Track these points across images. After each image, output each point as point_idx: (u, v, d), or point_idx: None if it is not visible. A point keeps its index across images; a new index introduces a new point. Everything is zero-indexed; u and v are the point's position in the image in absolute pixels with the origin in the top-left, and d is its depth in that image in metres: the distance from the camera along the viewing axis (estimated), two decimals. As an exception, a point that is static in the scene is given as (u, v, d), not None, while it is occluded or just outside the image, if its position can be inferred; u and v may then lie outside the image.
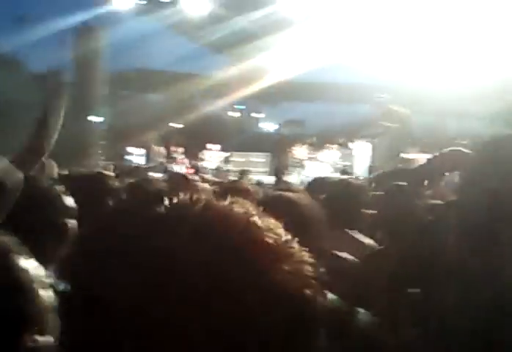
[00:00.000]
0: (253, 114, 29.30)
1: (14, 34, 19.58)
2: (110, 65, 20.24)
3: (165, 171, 15.56)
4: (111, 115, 20.96)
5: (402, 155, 14.17)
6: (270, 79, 20.13)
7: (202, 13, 17.65)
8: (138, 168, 13.03)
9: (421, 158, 16.61)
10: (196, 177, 7.74)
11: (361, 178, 16.65)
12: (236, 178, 16.71)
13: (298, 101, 26.24)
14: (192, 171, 17.67)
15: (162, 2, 17.51)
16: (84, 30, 18.92)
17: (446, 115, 21.76)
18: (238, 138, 23.31)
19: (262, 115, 29.37)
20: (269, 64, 19.84)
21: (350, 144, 18.38)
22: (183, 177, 6.30)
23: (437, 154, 3.18)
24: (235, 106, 27.95)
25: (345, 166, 18.13)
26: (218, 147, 21.57)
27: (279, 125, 28.38)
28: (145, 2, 17.68)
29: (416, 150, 17.34)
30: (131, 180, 4.82)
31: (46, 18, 18.82)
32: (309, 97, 24.70)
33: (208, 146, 21.55)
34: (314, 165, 18.63)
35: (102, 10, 17.91)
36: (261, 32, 18.52)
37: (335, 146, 18.73)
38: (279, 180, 11.64)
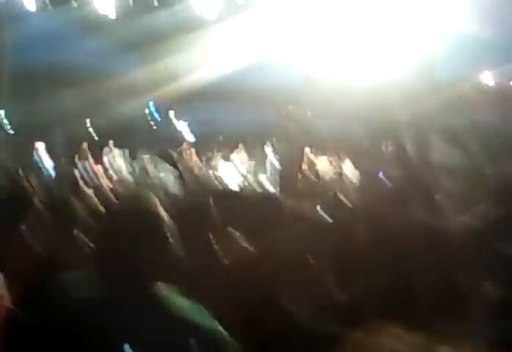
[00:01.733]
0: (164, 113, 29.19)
1: None
2: (17, 61, 19.81)
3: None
4: (18, 112, 20.54)
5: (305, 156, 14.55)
6: (180, 79, 20.21)
7: (112, 10, 17.62)
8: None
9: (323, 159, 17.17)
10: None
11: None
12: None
13: (209, 101, 26.36)
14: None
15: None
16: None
17: (350, 118, 22.40)
18: (148, 137, 23.25)
19: (172, 114, 29.29)
20: (179, 64, 19.90)
21: (257, 145, 18.66)
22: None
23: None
24: (148, 104, 27.76)
25: (252, 166, 18.40)
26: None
27: (189, 123, 28.35)
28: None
29: (320, 152, 17.83)
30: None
31: None
32: (221, 97, 24.87)
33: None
34: (225, 165, 18.79)
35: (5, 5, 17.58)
36: (171, 31, 18.59)
37: (242, 147, 18.97)
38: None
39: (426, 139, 15.60)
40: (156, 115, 29.28)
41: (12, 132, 20.15)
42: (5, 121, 19.74)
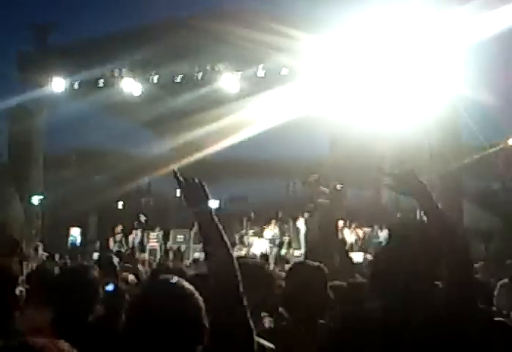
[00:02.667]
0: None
1: None
2: (48, 146, 20.23)
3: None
4: (51, 195, 20.79)
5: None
6: (208, 156, 20.40)
7: (135, 94, 18.05)
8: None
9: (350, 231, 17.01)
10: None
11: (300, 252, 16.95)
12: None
13: (236, 177, 26.49)
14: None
15: (96, 84, 17.85)
16: (19, 112, 18.93)
17: (380, 187, 22.23)
18: (179, 215, 23.28)
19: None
20: (205, 142, 20.12)
21: (288, 220, 18.59)
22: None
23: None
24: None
25: (283, 240, 18.30)
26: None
27: (221, 201, 28.43)
28: (79, 84, 17.99)
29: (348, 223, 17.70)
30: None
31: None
32: (248, 172, 25.00)
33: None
34: (256, 241, 18.68)
35: (37, 92, 18.12)
36: (195, 110, 18.92)
37: (273, 221, 18.89)
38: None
39: (458, 203, 15.41)
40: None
41: (47, 218, 20.37)
42: (40, 207, 19.96)
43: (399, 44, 14.52)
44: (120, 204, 24.99)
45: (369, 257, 16.55)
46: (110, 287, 2.98)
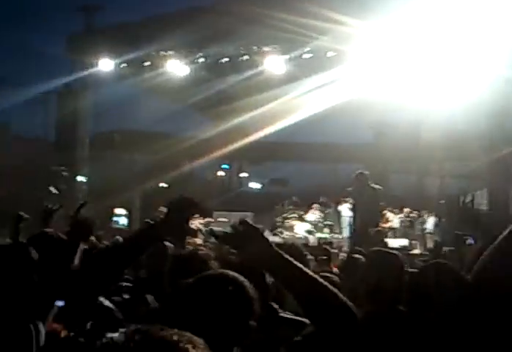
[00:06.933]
0: (240, 174, 29.50)
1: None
2: (94, 126, 20.48)
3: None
4: (96, 175, 21.06)
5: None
6: (253, 139, 20.39)
7: (182, 75, 18.13)
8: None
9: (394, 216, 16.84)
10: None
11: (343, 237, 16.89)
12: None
13: (281, 161, 26.49)
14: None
15: (143, 65, 17.97)
16: (66, 93, 19.20)
17: (425, 174, 22.06)
18: (223, 197, 23.41)
19: (246, 174, 29.56)
20: (251, 125, 20.13)
21: (331, 204, 18.48)
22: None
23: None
24: (221, 166, 28.14)
25: (327, 225, 18.20)
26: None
27: (263, 184, 28.54)
28: (126, 65, 18.14)
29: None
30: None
31: (28, 81, 19.18)
32: (292, 156, 24.98)
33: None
34: (298, 224, 18.64)
35: (84, 73, 18.32)
36: (241, 93, 18.91)
37: (317, 205, 18.80)
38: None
39: (506, 189, 15.15)
40: (230, 175, 29.68)
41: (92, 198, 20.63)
42: (86, 186, 20.20)
43: (448, 30, 14.25)
44: (164, 186, 25.17)
45: (414, 243, 16.43)
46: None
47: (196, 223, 17.95)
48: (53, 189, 18.18)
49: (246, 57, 17.31)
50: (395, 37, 15.01)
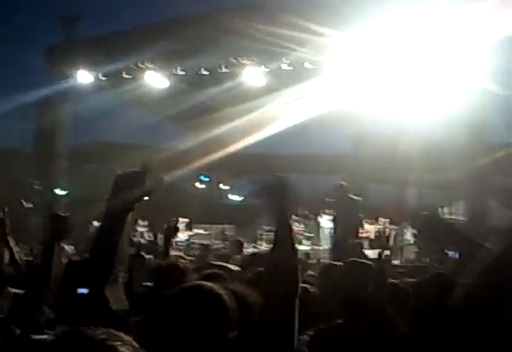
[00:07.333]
0: (220, 186, 29.37)
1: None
2: (73, 138, 20.36)
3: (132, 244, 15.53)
4: (75, 188, 20.92)
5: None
6: (232, 151, 20.35)
7: (162, 87, 18.13)
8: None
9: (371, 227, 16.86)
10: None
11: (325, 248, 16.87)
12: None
13: (260, 173, 26.40)
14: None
15: (122, 77, 17.95)
16: (46, 104, 19.11)
17: (404, 185, 22.10)
18: (203, 210, 23.29)
19: (227, 187, 29.45)
20: (229, 136, 20.11)
21: (312, 216, 18.48)
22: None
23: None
24: (199, 177, 28.03)
25: (306, 236, 18.20)
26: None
27: (244, 196, 28.43)
28: (105, 77, 18.11)
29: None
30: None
31: (7, 92, 19.05)
32: (272, 168, 24.92)
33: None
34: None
35: (63, 85, 18.28)
36: (221, 105, 18.93)
37: (296, 217, 18.79)
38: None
39: (483, 200, 15.27)
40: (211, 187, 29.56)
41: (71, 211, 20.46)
42: (65, 199, 20.06)
43: (424, 40, 14.38)
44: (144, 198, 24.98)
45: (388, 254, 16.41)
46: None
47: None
48: (25, 203, 18.04)
49: (224, 69, 17.36)
50: (373, 48, 15.11)
